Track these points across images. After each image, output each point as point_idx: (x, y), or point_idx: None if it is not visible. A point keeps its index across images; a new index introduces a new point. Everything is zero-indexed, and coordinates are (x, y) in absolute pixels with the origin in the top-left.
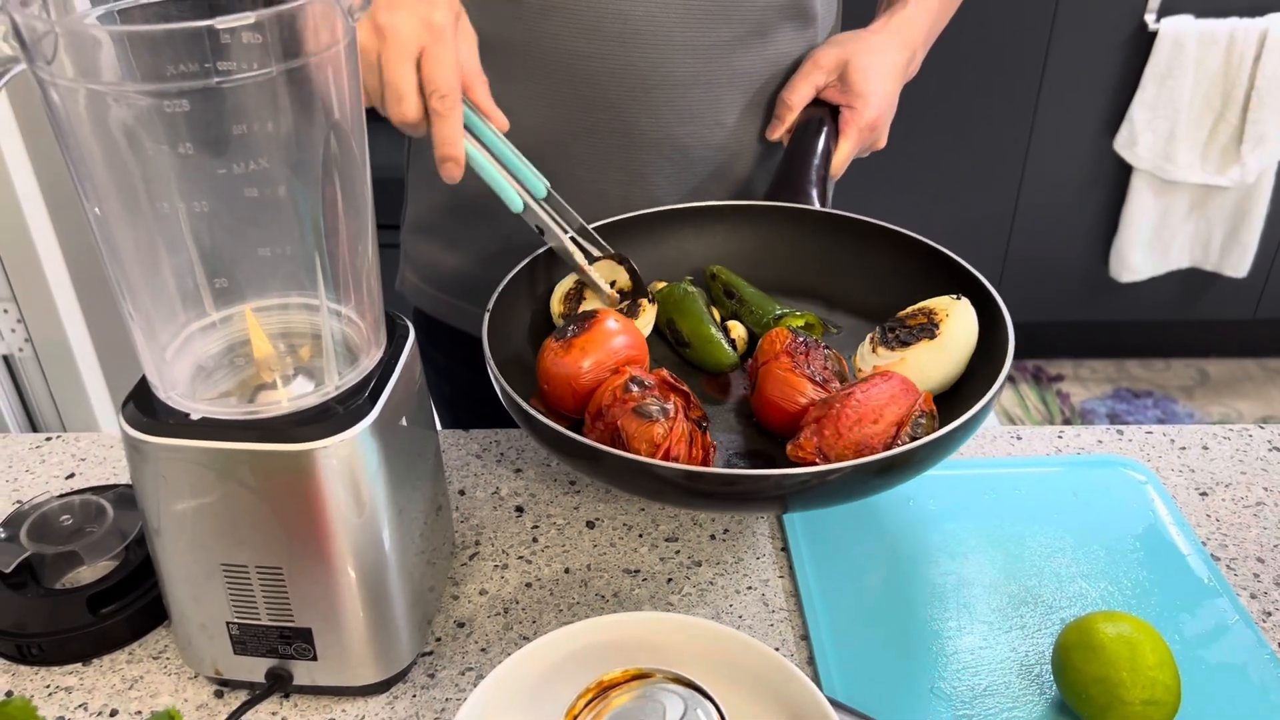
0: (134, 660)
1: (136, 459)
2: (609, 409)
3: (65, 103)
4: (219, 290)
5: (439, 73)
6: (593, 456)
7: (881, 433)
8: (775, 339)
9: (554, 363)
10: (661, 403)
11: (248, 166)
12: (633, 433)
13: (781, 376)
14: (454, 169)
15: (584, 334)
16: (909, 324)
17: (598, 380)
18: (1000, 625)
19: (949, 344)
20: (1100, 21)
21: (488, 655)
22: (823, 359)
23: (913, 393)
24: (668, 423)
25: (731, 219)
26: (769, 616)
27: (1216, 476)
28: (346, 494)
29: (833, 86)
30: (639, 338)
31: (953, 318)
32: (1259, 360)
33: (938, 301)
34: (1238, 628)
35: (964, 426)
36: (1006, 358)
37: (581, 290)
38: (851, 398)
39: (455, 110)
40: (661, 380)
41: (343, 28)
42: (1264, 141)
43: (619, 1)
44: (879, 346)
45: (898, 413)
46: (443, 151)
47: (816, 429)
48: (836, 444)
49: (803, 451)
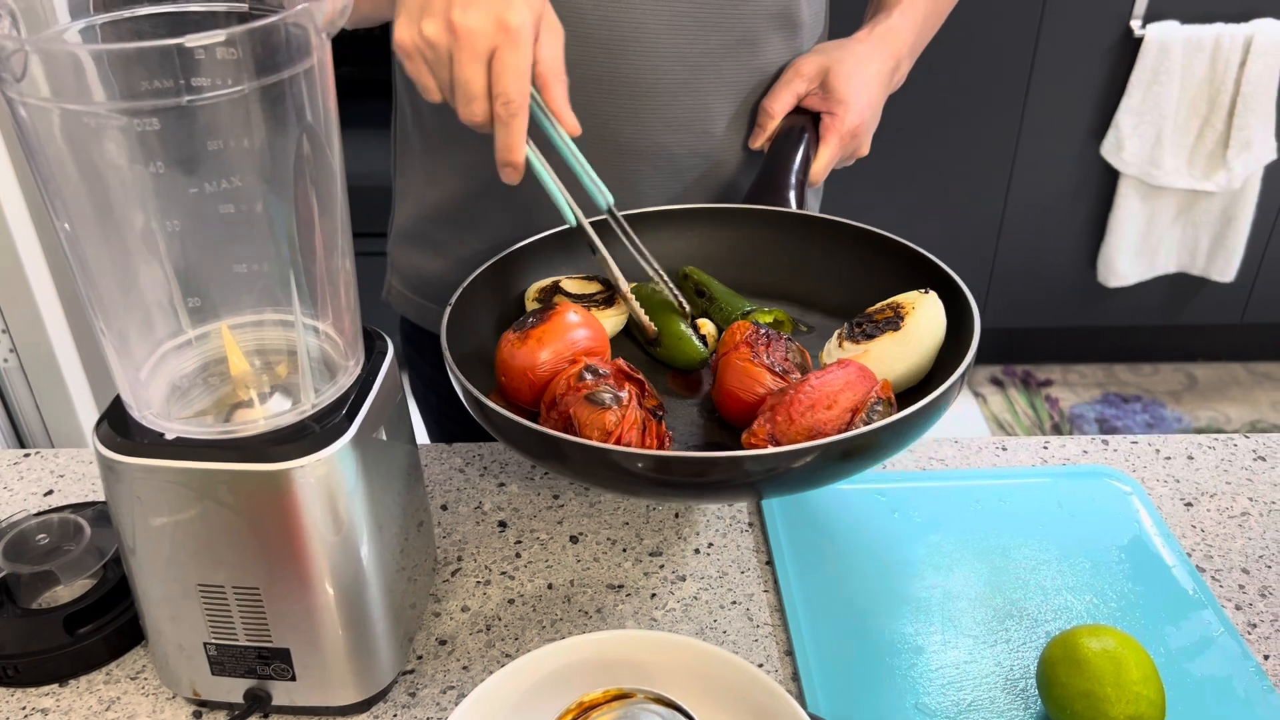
0: (111, 681)
1: (111, 479)
2: (562, 397)
3: (34, 120)
4: (193, 308)
5: (507, 79)
6: (544, 443)
7: (835, 419)
8: (736, 330)
9: (511, 354)
10: (615, 390)
11: (220, 184)
12: (584, 420)
13: (740, 367)
14: (513, 174)
15: (542, 325)
16: (875, 318)
17: (555, 372)
18: (985, 639)
19: (913, 336)
20: (1086, 28)
21: (469, 673)
22: (784, 350)
23: (869, 379)
24: (620, 410)
25: (707, 221)
26: (753, 632)
27: (1201, 487)
28: (324, 513)
29: (814, 94)
30: (600, 330)
31: (918, 311)
32: (1246, 364)
33: (906, 296)
34: (1223, 640)
35: (921, 412)
36: (970, 349)
37: (557, 288)
38: (806, 384)
39: (519, 117)
40: (617, 369)
41: (316, 44)
42: (1250, 147)
43: (607, 10)
44: (844, 341)
45: (853, 399)
46: (504, 157)
47: (770, 415)
48: (789, 429)
49: (755, 438)
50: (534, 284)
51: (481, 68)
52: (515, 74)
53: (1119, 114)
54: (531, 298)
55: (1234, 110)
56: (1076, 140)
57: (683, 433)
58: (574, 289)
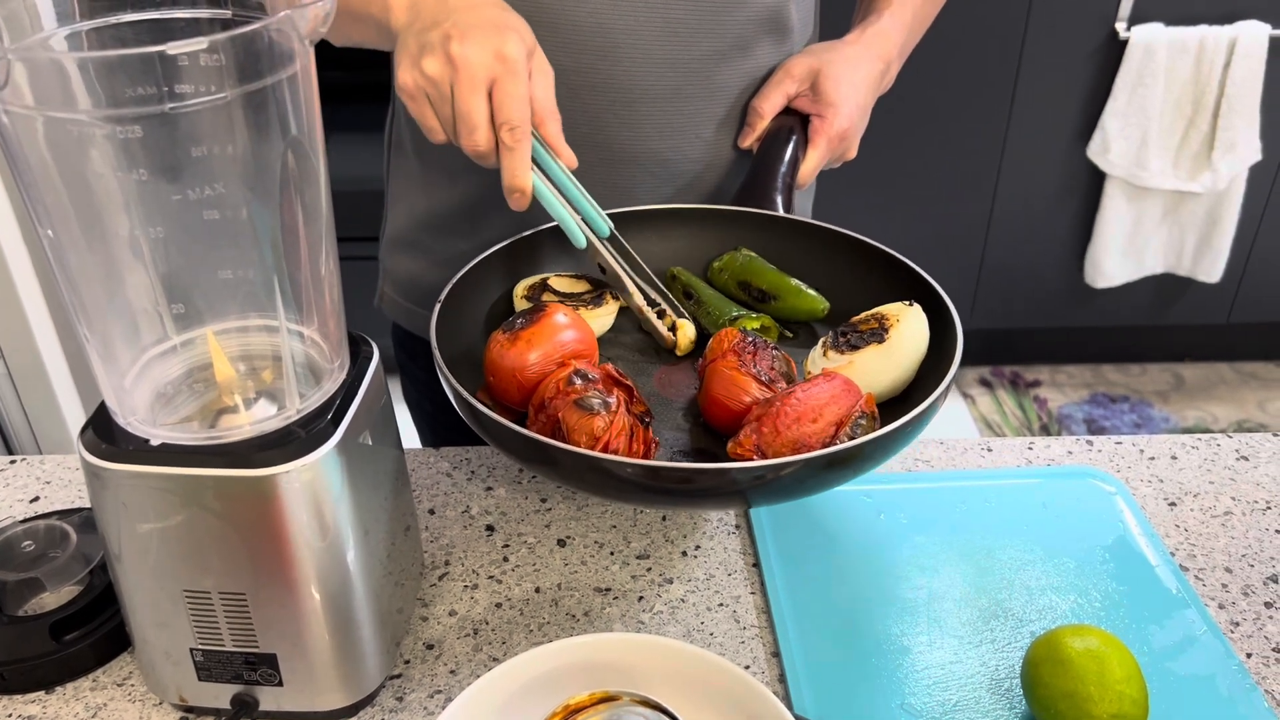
0: (98, 687)
1: (96, 486)
2: (551, 401)
3: (16, 128)
4: (178, 314)
5: (509, 106)
6: (533, 448)
7: (820, 431)
8: (724, 338)
9: (500, 355)
10: (604, 396)
11: (204, 191)
12: (573, 425)
13: (728, 375)
14: (521, 200)
15: (531, 326)
16: (860, 329)
17: (544, 373)
18: (971, 640)
19: (897, 349)
20: (1071, 30)
21: (457, 677)
22: (770, 359)
23: (854, 393)
24: (608, 416)
25: (694, 222)
26: (740, 634)
27: (1185, 486)
28: (310, 518)
29: (804, 95)
30: (588, 332)
31: (903, 323)
32: (1233, 364)
33: (890, 307)
34: (1206, 639)
35: (903, 428)
36: (953, 364)
37: (545, 286)
38: (792, 396)
39: (524, 143)
40: (606, 374)
41: (299, 51)
42: (1234, 148)
43: (601, 16)
44: (829, 350)
45: (837, 412)
46: (510, 183)
47: (756, 426)
48: (774, 442)
49: (741, 449)
50: (522, 281)
51: (482, 98)
52: (517, 101)
53: (1105, 116)
54: (520, 295)
55: (1219, 112)
56: (1063, 142)
57: (668, 438)
58: (562, 287)
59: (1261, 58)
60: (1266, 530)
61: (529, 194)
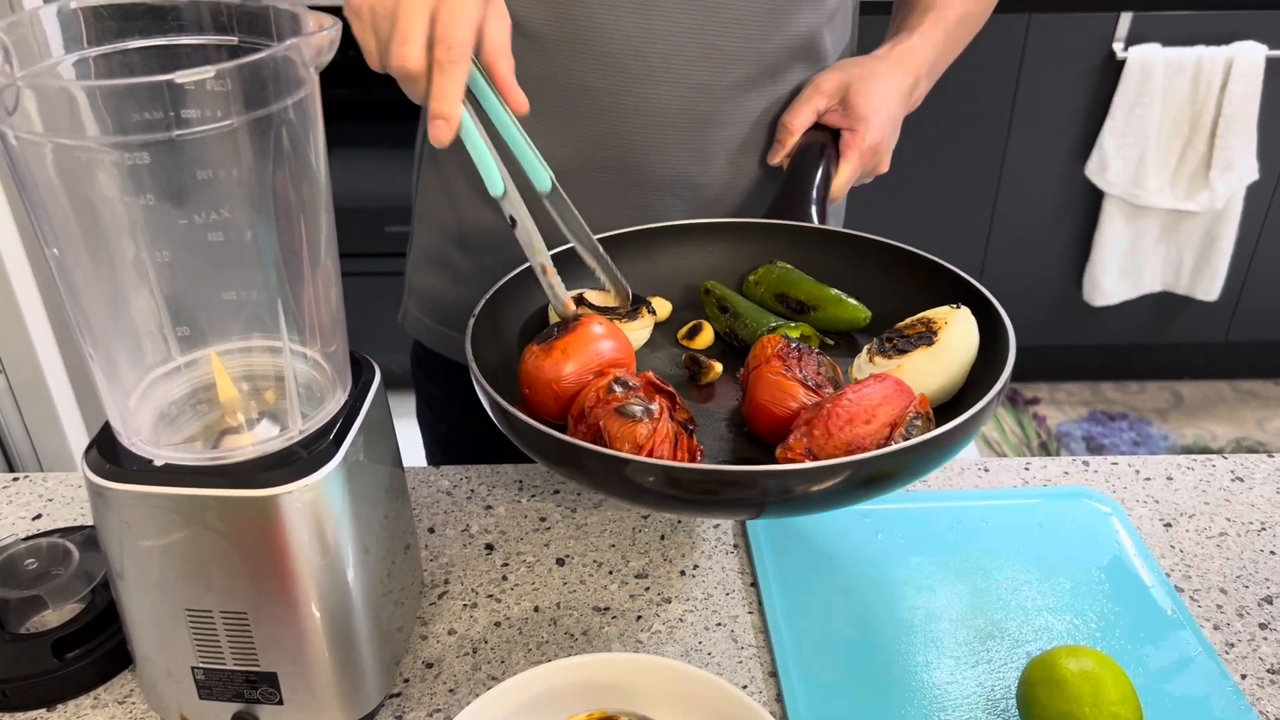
0: (99, 705)
1: (100, 505)
2: (592, 410)
3: (25, 153)
4: (182, 336)
5: (452, 25)
6: (576, 455)
7: (874, 433)
8: (766, 344)
9: (536, 366)
10: (646, 403)
11: (209, 215)
12: (615, 433)
13: (773, 380)
14: (443, 129)
15: (567, 336)
16: (907, 333)
17: (580, 384)
18: (967, 660)
19: (947, 351)
20: (1070, 50)
21: (456, 696)
22: (816, 364)
23: (907, 394)
24: (651, 423)
25: (727, 236)
26: (738, 653)
27: (1180, 507)
28: (311, 538)
29: (834, 110)
30: (624, 342)
31: (951, 326)
32: (1231, 382)
33: (937, 311)
34: (1201, 660)
35: (962, 427)
36: (1007, 365)
37: (580, 300)
38: (843, 398)
39: (458, 65)
40: (647, 382)
41: (305, 77)
42: (1232, 167)
43: (637, 40)
44: (875, 356)
45: (891, 413)
46: (436, 106)
47: (806, 430)
48: (827, 444)
49: (791, 453)
50: None
51: (424, 15)
52: (460, 20)
53: (1103, 135)
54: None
55: (1216, 131)
56: (1061, 161)
57: (711, 447)
58: (598, 301)
59: (1258, 78)
60: (1261, 551)
61: (454, 124)
